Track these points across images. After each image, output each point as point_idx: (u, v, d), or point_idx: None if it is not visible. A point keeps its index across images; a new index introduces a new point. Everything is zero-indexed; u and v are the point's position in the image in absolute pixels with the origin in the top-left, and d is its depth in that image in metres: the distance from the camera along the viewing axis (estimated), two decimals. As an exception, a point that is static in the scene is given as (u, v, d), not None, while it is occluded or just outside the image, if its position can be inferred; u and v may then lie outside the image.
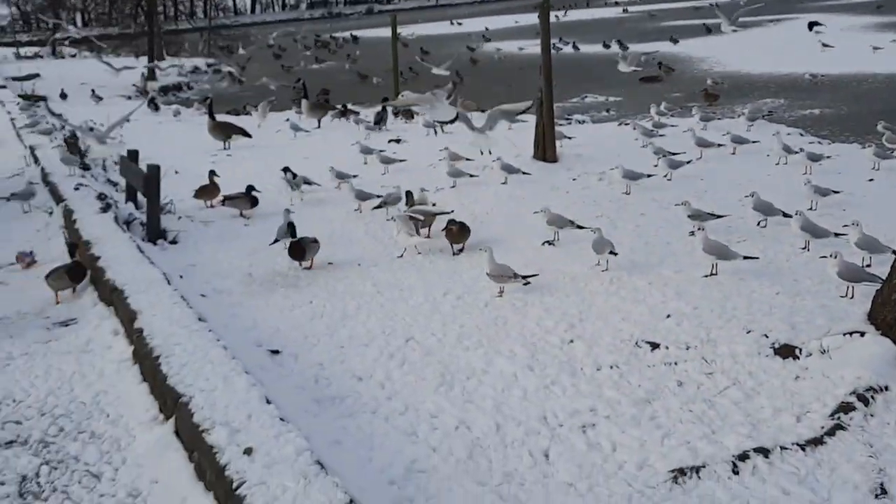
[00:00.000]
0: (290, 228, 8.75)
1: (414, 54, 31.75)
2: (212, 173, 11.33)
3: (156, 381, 5.61)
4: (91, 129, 15.44)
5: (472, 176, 11.76)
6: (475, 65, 31.56)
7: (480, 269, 7.74)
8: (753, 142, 12.90)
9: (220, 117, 17.58)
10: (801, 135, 14.77)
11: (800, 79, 22.50)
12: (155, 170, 9.32)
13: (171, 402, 5.24)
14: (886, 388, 5.16)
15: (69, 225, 9.53)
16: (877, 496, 4.35)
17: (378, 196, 10.69)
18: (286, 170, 11.60)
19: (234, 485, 4.18)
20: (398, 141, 15.85)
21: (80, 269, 7.94)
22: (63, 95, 25.58)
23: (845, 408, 5.02)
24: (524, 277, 7.49)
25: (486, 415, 5.43)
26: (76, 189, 11.05)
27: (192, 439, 4.80)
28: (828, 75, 22.43)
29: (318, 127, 18.51)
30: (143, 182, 9.42)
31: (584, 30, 37.85)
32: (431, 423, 5.38)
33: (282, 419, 4.79)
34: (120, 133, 13.59)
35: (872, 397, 5.09)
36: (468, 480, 4.74)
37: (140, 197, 10.45)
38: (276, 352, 6.54)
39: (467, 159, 12.71)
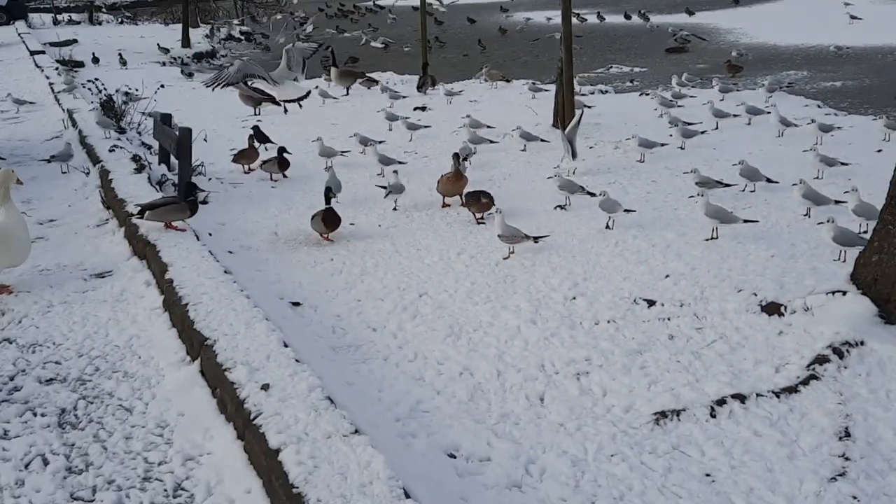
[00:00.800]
0: (327, 193, 8.73)
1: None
2: (251, 138, 11.71)
3: (184, 326, 6.07)
4: (127, 94, 15.96)
5: (491, 142, 12.11)
6: (504, 34, 31.68)
7: (493, 231, 8.12)
8: (768, 112, 13.11)
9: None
10: (819, 106, 14.94)
11: (825, 50, 22.48)
12: (186, 132, 9.75)
13: (197, 345, 5.70)
14: (862, 343, 5.51)
15: (105, 184, 10.01)
16: (840, 438, 4.71)
17: (400, 162, 11.08)
18: (255, 128, 11.98)
19: (252, 415, 4.63)
20: (423, 108, 16.20)
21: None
22: (95, 60, 26.14)
23: (821, 360, 5.38)
24: (535, 238, 7.87)
25: (489, 362, 5.84)
26: (111, 151, 11.52)
27: (215, 377, 5.26)
28: (853, 47, 22.36)
29: (347, 94, 18.88)
30: (176, 144, 9.86)
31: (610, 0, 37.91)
32: (438, 369, 5.80)
33: (297, 360, 5.23)
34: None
35: (848, 351, 5.44)
36: (468, 419, 5.16)
37: (173, 159, 10.91)
38: (297, 304, 6.99)
39: (488, 126, 13.06)
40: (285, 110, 14.91)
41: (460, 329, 6.41)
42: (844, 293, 5.94)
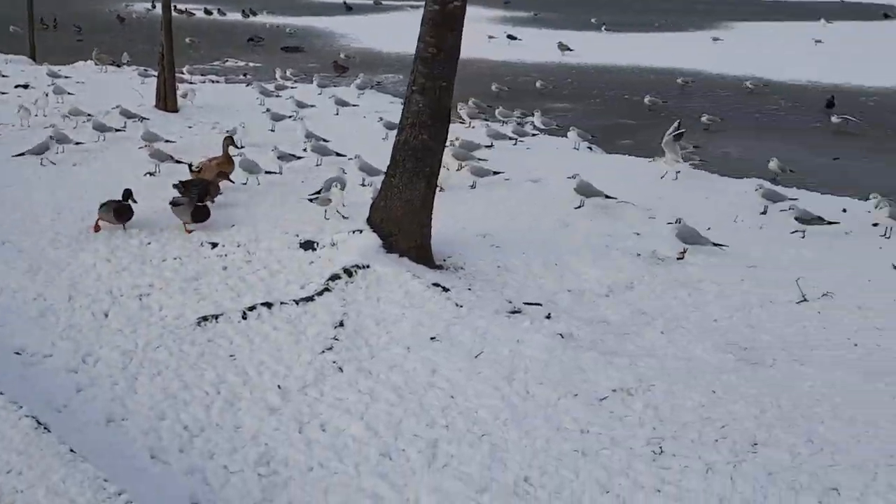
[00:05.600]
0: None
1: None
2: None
3: None
4: None
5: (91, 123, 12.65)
6: (122, 22, 31.44)
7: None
8: (354, 105, 14.99)
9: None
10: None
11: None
12: None
13: None
14: (368, 266, 7.10)
15: None
16: (335, 327, 6.22)
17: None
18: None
19: None
20: None
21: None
22: None
23: (334, 277, 6.91)
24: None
25: (61, 291, 6.74)
26: None
27: None
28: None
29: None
30: None
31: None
32: (14, 296, 6.58)
33: None
34: None
35: (356, 271, 7.01)
36: (36, 329, 6.05)
37: None
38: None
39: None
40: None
41: None
42: (362, 231, 7.53)
